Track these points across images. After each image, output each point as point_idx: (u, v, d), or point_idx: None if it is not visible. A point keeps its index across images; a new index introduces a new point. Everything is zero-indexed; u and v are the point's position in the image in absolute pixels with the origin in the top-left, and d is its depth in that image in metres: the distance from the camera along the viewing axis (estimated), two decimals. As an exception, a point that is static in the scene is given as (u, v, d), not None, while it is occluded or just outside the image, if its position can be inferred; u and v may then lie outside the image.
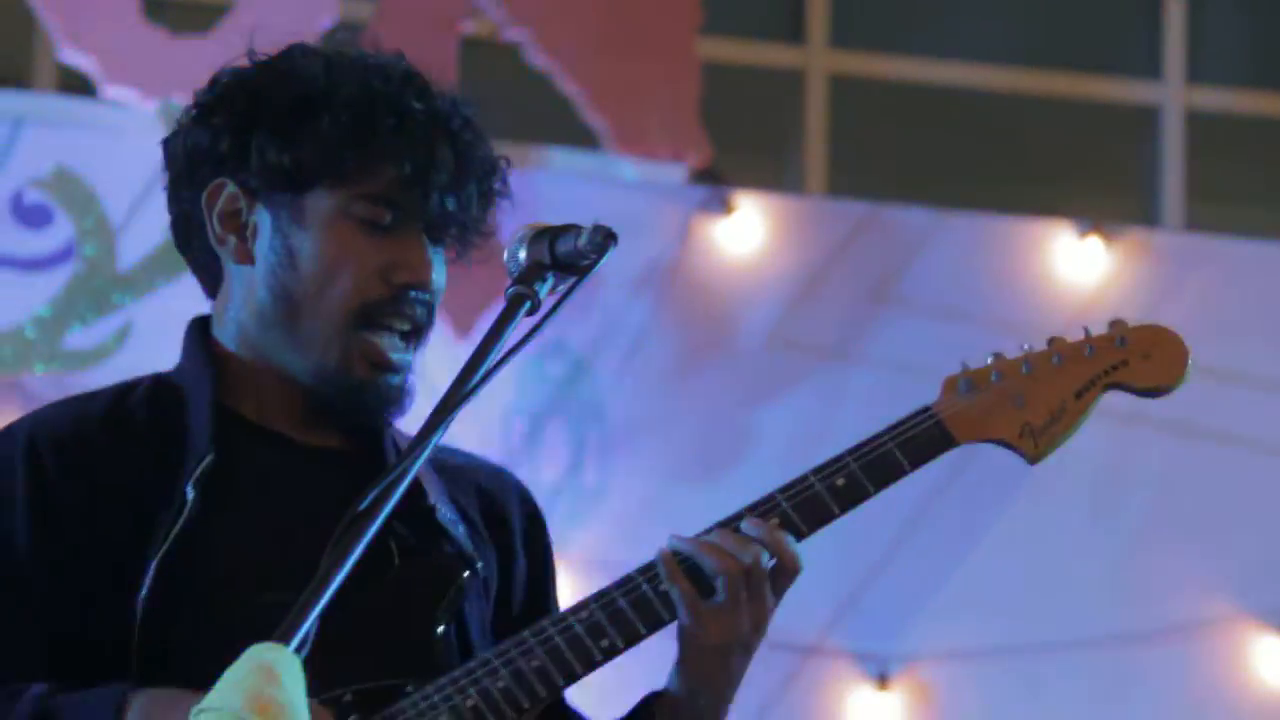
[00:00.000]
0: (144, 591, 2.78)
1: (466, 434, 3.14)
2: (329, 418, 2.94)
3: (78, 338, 6.88)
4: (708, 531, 2.86)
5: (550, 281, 2.81)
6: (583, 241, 2.81)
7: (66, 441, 2.91)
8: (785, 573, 2.84)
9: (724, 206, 7.52)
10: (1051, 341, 2.95)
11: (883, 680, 7.38)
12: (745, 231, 7.55)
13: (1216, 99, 8.31)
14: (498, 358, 2.74)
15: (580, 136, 7.48)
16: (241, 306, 2.98)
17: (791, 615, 7.14)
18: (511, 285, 2.78)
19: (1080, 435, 2.98)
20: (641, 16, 7.47)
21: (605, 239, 2.82)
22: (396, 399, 2.95)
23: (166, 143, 3.02)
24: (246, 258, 2.96)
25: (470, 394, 2.68)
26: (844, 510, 2.87)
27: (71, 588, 2.82)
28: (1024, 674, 7.43)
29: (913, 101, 8.17)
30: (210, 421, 2.91)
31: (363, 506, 2.53)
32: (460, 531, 2.98)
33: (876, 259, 7.61)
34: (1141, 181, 8.21)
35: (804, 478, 2.88)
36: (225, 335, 2.99)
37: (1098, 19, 8.37)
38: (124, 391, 3.00)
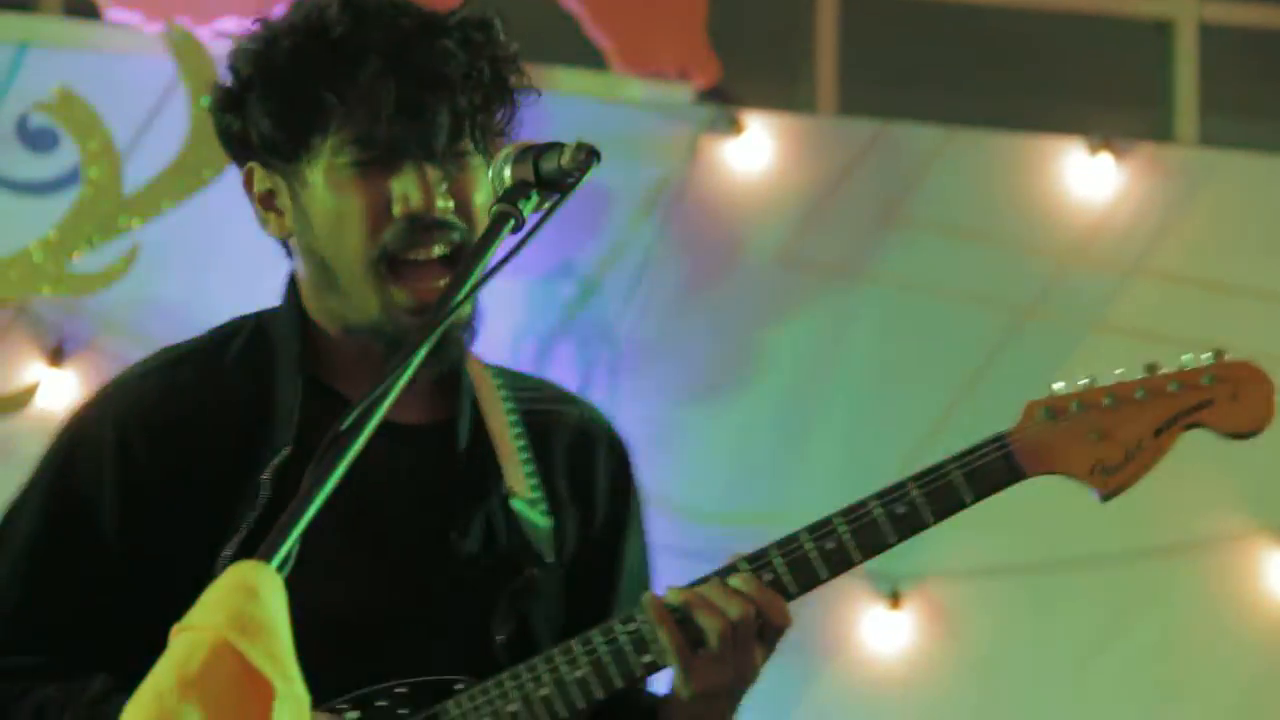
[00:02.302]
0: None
1: (486, 354, 3.15)
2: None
3: (85, 261, 6.88)
4: (702, 580, 2.87)
5: (534, 199, 2.78)
6: (566, 159, 2.79)
7: (157, 429, 2.95)
8: (773, 628, 2.87)
9: (732, 126, 7.50)
10: (1145, 370, 2.92)
11: (895, 599, 7.41)
12: (754, 151, 7.54)
13: (1230, 12, 8.29)
14: (482, 275, 2.72)
15: (585, 56, 7.48)
16: (302, 278, 3.02)
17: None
18: (495, 203, 2.75)
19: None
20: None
21: (588, 156, 2.81)
22: (454, 337, 2.96)
23: (216, 126, 3.05)
24: (285, 232, 3.01)
25: (454, 310, 2.70)
26: (900, 540, 2.96)
27: (152, 586, 2.86)
28: (1034, 591, 7.47)
29: (923, 17, 8.16)
30: (297, 406, 2.95)
31: (345, 426, 2.51)
32: (537, 513, 3.00)
33: (887, 178, 7.60)
34: (1154, 96, 8.20)
35: (859, 506, 2.92)
36: (308, 307, 3.02)
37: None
38: (225, 339, 3.04)
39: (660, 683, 2.99)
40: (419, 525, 2.94)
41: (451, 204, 2.94)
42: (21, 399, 6.73)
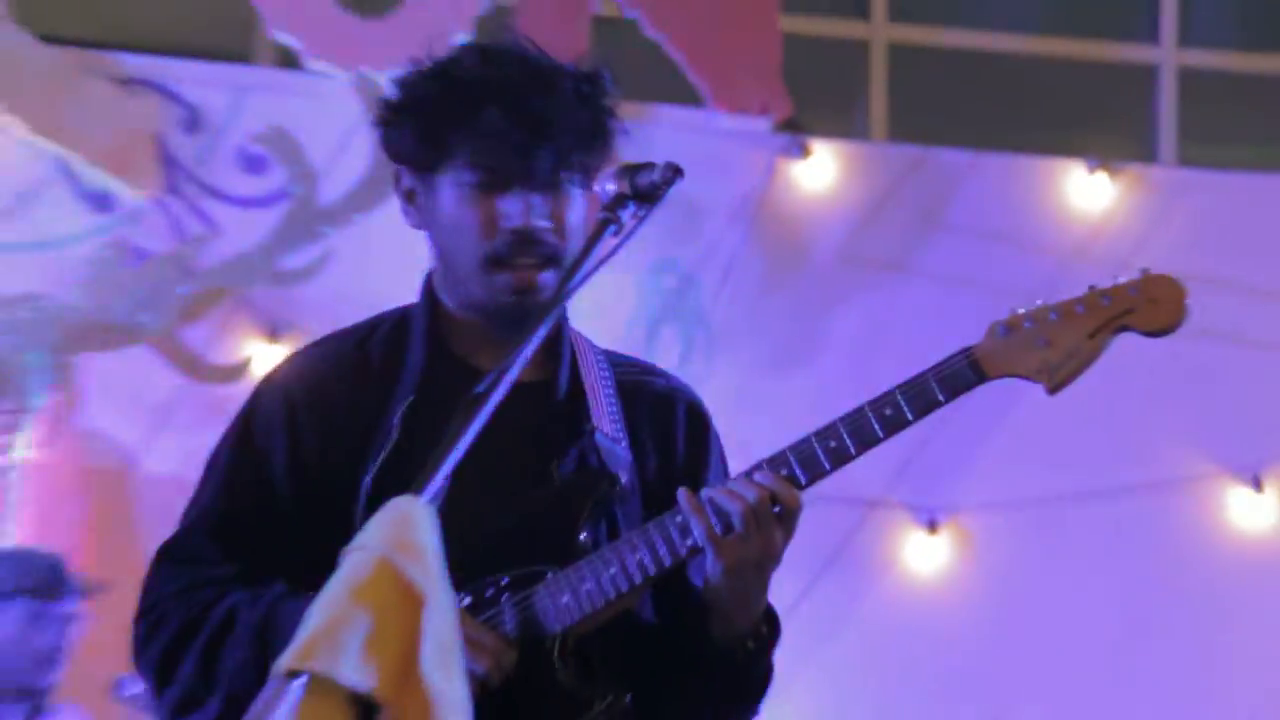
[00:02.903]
0: (359, 505, 2.81)
1: (599, 337, 3.16)
2: (500, 341, 2.90)
3: (289, 260, 6.92)
4: (734, 479, 2.83)
5: (631, 208, 2.78)
6: (656, 175, 2.79)
7: (318, 381, 2.95)
8: (788, 510, 2.81)
9: (802, 151, 7.49)
10: (1088, 291, 2.85)
11: (932, 527, 7.39)
12: (820, 171, 7.53)
13: (1203, 58, 8.22)
14: (590, 268, 2.74)
15: (687, 95, 7.46)
16: (432, 263, 3.02)
17: (858, 475, 7.19)
18: (600, 212, 2.76)
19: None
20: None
21: (674, 173, 2.81)
22: (546, 308, 2.88)
23: (379, 136, 3.05)
24: (420, 224, 3.00)
25: (566, 297, 2.71)
26: (889, 435, 2.82)
27: (314, 502, 2.86)
28: (1047, 520, 7.43)
29: (956, 63, 8.12)
30: (421, 365, 2.94)
31: (480, 389, 2.55)
32: (619, 448, 2.96)
33: (926, 192, 7.58)
34: (1142, 126, 8.15)
35: (855, 411, 2.84)
36: (435, 287, 3.01)
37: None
38: (373, 326, 3.03)
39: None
40: (526, 457, 2.92)
41: (548, 223, 2.90)
42: (240, 370, 6.79)
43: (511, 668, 2.80)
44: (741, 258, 7.40)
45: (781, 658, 7.43)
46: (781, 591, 7.49)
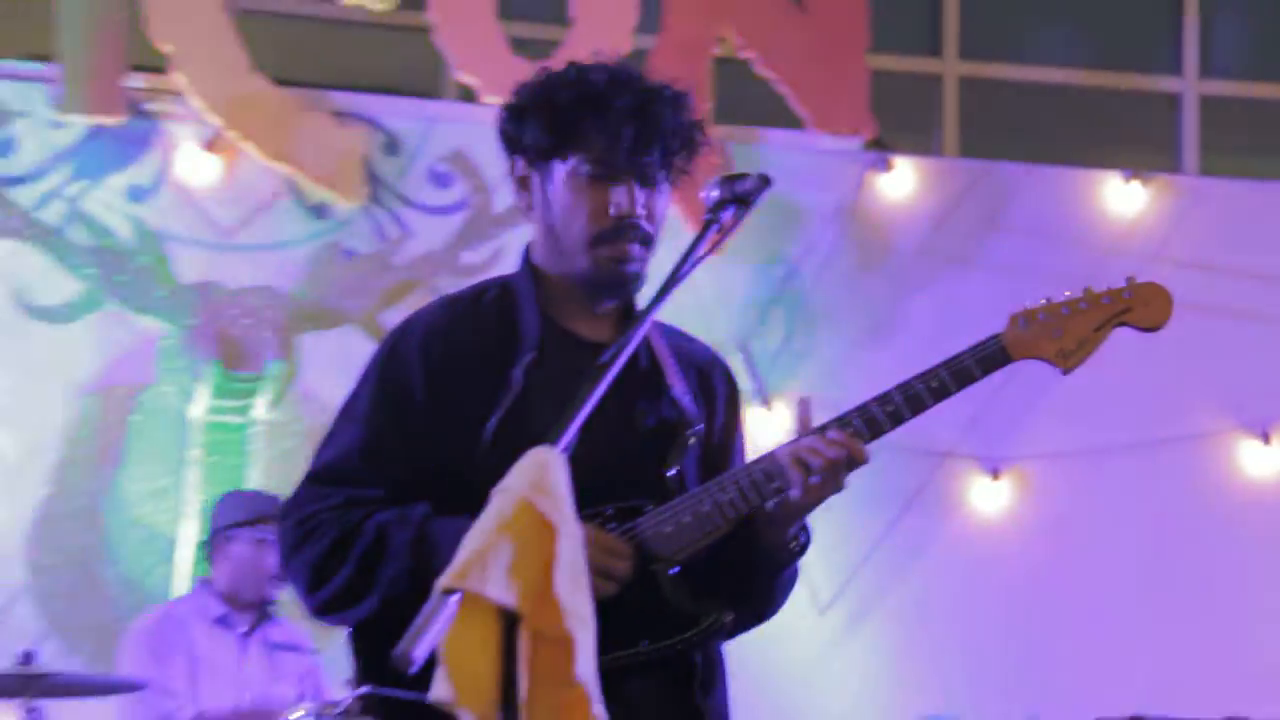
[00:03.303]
0: (484, 444, 2.79)
1: (718, 316, 3.15)
2: (596, 306, 2.91)
3: (469, 255, 6.95)
4: (810, 433, 2.83)
5: (731, 211, 2.77)
6: (750, 184, 2.78)
7: (446, 334, 2.92)
8: (856, 463, 2.81)
9: (886, 165, 7.43)
10: (1084, 291, 2.90)
11: (995, 474, 7.31)
12: (900, 182, 7.46)
13: (1220, 86, 8.08)
14: (695, 261, 2.73)
15: (792, 121, 7.42)
16: (536, 239, 2.98)
17: (931, 430, 7.16)
18: (705, 215, 2.75)
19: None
20: (829, 39, 7.39)
21: (765, 182, 2.80)
22: (632, 282, 2.91)
23: (500, 129, 3.03)
24: (528, 206, 2.97)
25: (677, 283, 2.70)
26: (935, 402, 2.84)
27: (447, 436, 2.82)
28: (1091, 468, 7.33)
29: (1014, 92, 8.05)
30: (535, 326, 2.91)
31: (602, 360, 2.55)
32: (688, 401, 2.94)
33: (989, 199, 7.50)
34: (1168, 143, 8.02)
35: (908, 383, 2.85)
36: (536, 258, 2.98)
37: (1134, 32, 8.21)
38: (482, 291, 3.00)
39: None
40: (617, 409, 2.85)
41: (646, 211, 2.89)
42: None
43: (629, 575, 2.77)
44: (836, 253, 7.35)
45: (869, 583, 7.43)
46: (867, 530, 7.52)
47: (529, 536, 2.30)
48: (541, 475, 2.32)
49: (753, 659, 6.32)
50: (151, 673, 5.38)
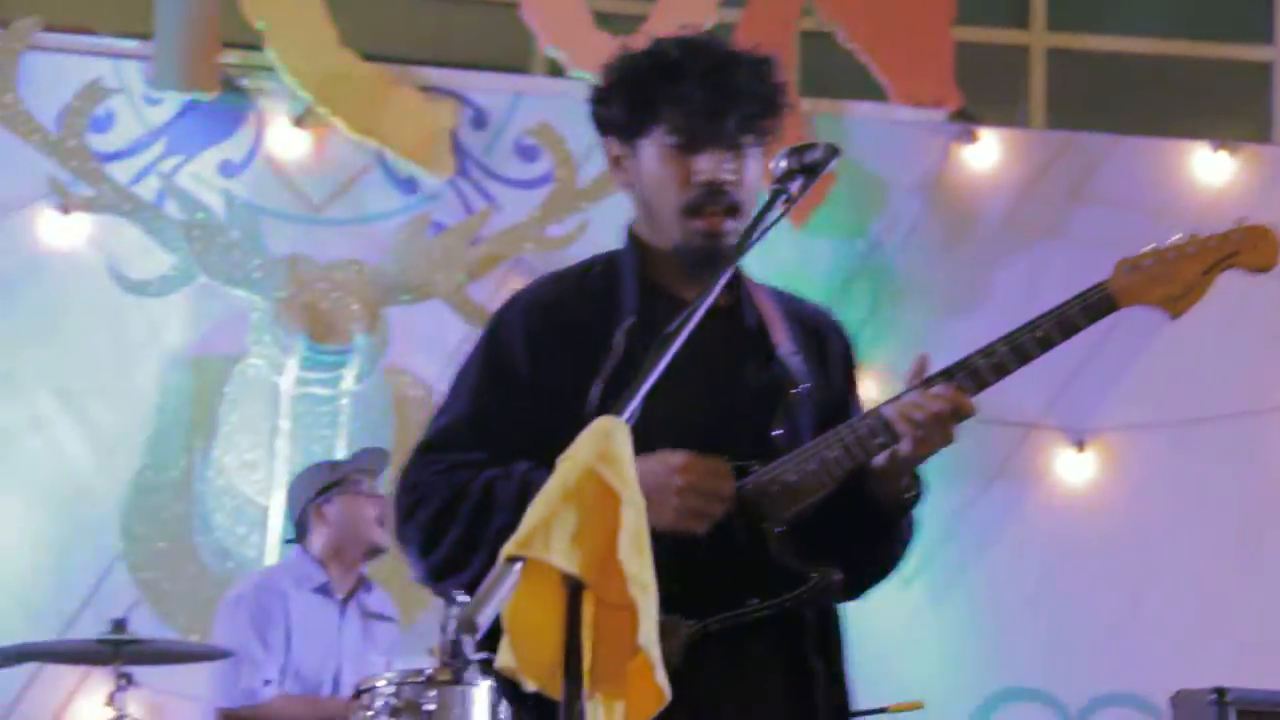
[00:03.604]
0: (590, 409, 2.79)
1: (802, 289, 3.14)
2: (696, 275, 2.90)
3: (555, 229, 6.96)
4: (914, 388, 2.83)
5: (800, 181, 2.76)
6: (819, 154, 2.76)
7: (548, 307, 2.96)
8: (962, 414, 2.81)
9: (971, 137, 7.36)
10: (1190, 236, 2.87)
11: (1080, 446, 7.24)
12: (985, 153, 7.38)
13: (1314, 54, 7.98)
14: (765, 228, 2.73)
15: (876, 93, 7.37)
16: (636, 214, 3.01)
17: (1016, 400, 7.09)
18: (773, 184, 2.75)
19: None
20: (913, 12, 7.33)
21: (833, 152, 2.78)
22: (730, 252, 2.89)
23: (591, 112, 3.05)
24: (626, 184, 3.00)
25: (745, 250, 2.70)
26: (1041, 352, 2.82)
27: (553, 405, 2.84)
28: (1174, 439, 7.24)
29: (1101, 63, 7.96)
30: (635, 293, 2.94)
31: (671, 328, 2.53)
32: (795, 361, 2.94)
33: (1075, 169, 7.41)
34: (1257, 112, 7.90)
35: (1012, 334, 2.83)
36: (639, 230, 3.00)
37: (1224, 1, 8.10)
38: (589, 266, 3.04)
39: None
40: (724, 371, 2.91)
41: (734, 177, 2.90)
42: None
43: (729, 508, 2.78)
44: (921, 225, 7.29)
45: (953, 555, 7.37)
46: (951, 502, 7.46)
47: (593, 504, 2.31)
48: (606, 443, 2.32)
49: (837, 630, 6.32)
50: (247, 641, 5.43)
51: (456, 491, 2.86)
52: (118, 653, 4.95)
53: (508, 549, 2.28)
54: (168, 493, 6.61)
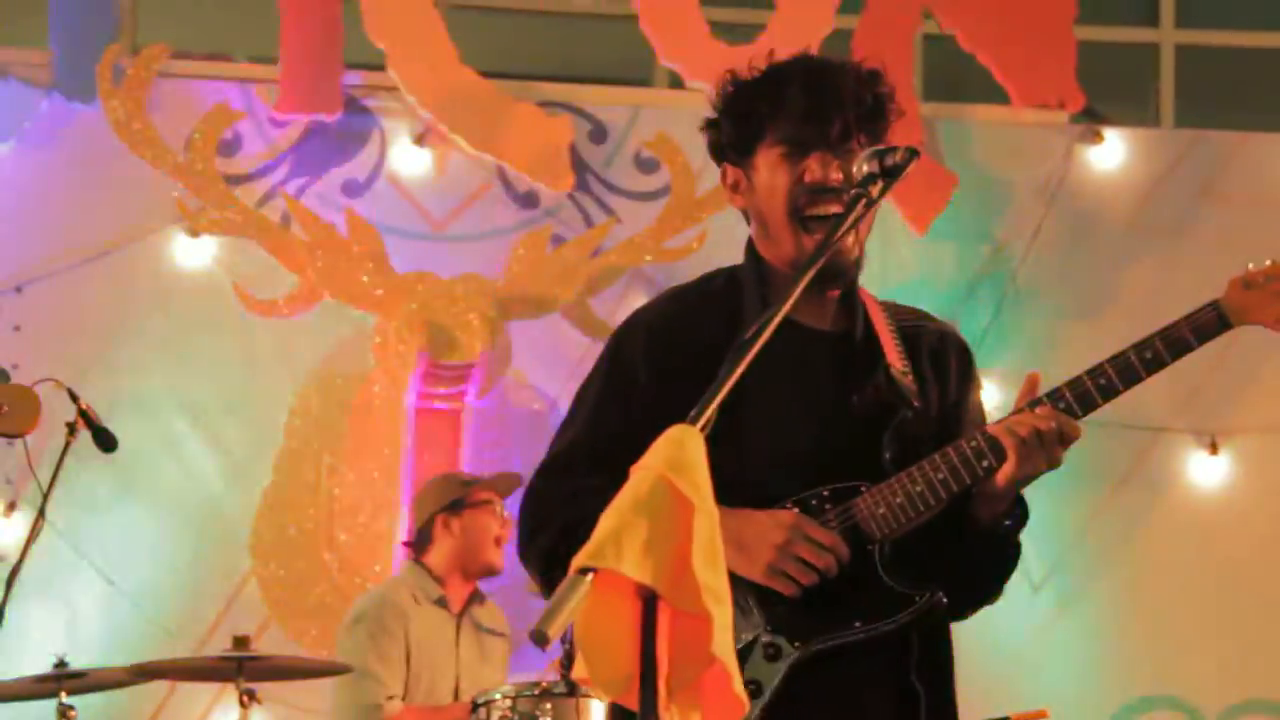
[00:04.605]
0: (707, 433, 2.79)
1: (925, 295, 3.11)
2: (816, 293, 2.88)
3: (674, 240, 6.93)
4: (1023, 409, 2.79)
5: (881, 184, 2.69)
6: (899, 157, 2.69)
7: (670, 325, 2.96)
8: (1068, 437, 2.77)
9: (1095, 137, 7.25)
10: None
11: (1213, 448, 7.07)
12: (1110, 154, 7.27)
13: None
14: (842, 232, 2.68)
15: (997, 95, 7.27)
16: (754, 232, 3.00)
17: (1147, 403, 6.92)
18: (854, 188, 2.69)
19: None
20: (1034, 13, 7.23)
21: (912, 154, 2.70)
22: (844, 269, 2.91)
23: (707, 142, 3.06)
24: (743, 205, 2.99)
25: (825, 252, 2.64)
26: (1149, 373, 2.77)
27: (670, 421, 2.84)
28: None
29: (1230, 59, 7.79)
30: (758, 313, 2.86)
31: (748, 336, 2.49)
32: (907, 380, 2.91)
33: (1203, 167, 7.28)
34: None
35: (1121, 354, 2.79)
36: (758, 249, 2.99)
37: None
38: (709, 281, 3.03)
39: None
40: (833, 392, 2.89)
41: (841, 177, 2.88)
42: (636, 329, 6.81)
43: (846, 560, 2.79)
44: (1045, 228, 7.18)
45: (1082, 561, 7.24)
46: (1082, 507, 7.32)
47: (665, 514, 2.26)
48: (678, 452, 2.27)
49: (965, 638, 6.20)
50: (368, 656, 5.45)
51: (576, 518, 2.83)
52: (240, 669, 4.99)
53: (579, 560, 2.25)
54: (295, 510, 6.67)
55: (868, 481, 2.83)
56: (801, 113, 2.87)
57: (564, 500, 2.88)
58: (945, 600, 2.84)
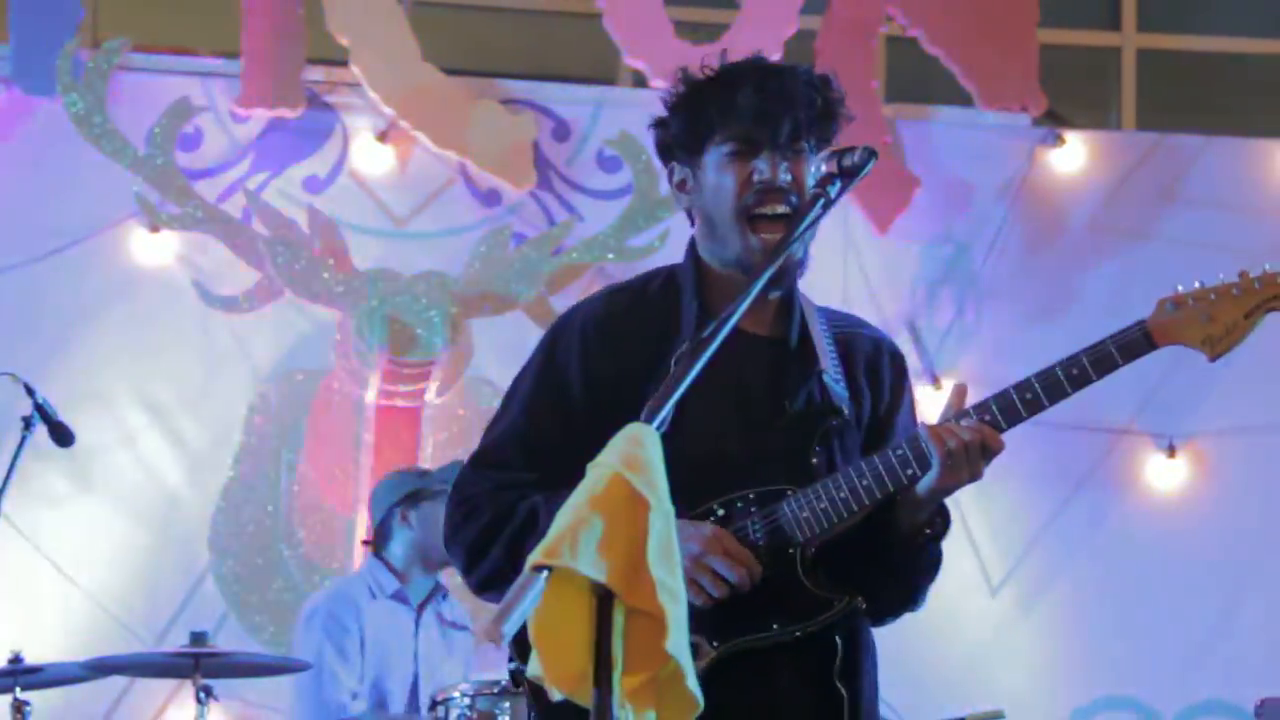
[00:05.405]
0: None
1: (886, 295, 3.12)
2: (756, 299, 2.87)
3: (636, 239, 6.94)
4: (950, 419, 2.81)
5: (838, 184, 2.73)
6: (857, 157, 2.74)
7: (603, 323, 2.97)
8: (990, 450, 2.78)
9: (1057, 140, 7.28)
10: (1240, 274, 2.80)
11: (1171, 451, 7.11)
12: (1072, 156, 7.31)
13: None
14: (801, 233, 2.72)
15: (961, 98, 7.29)
16: (697, 233, 3.01)
17: (1105, 406, 6.96)
18: (813, 188, 2.73)
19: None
20: (997, 16, 7.25)
21: (870, 155, 2.75)
22: (787, 270, 2.90)
23: (655, 141, 3.07)
24: (689, 204, 3.01)
25: (781, 255, 2.68)
26: (1075, 390, 2.78)
27: (604, 425, 2.80)
28: (1270, 445, 7.10)
29: (1192, 63, 7.84)
30: (694, 315, 2.93)
31: (704, 335, 2.51)
32: (839, 387, 2.93)
33: (1165, 170, 7.31)
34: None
35: (1048, 369, 2.80)
36: (699, 251, 3.00)
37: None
38: (648, 281, 3.04)
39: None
40: (765, 396, 2.90)
41: (789, 178, 2.89)
42: (596, 327, 6.80)
43: (759, 577, 2.81)
44: (1006, 230, 7.21)
45: (1041, 563, 7.26)
46: (1040, 509, 7.33)
47: (621, 512, 2.27)
48: (634, 450, 2.29)
49: (924, 640, 6.26)
50: (324, 652, 5.44)
51: (501, 512, 2.88)
52: (197, 665, 4.98)
53: (534, 558, 2.25)
54: (254, 506, 6.66)
55: (795, 486, 2.85)
56: (751, 113, 2.88)
57: (492, 492, 2.89)
58: (864, 605, 2.87)
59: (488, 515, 2.88)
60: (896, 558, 2.89)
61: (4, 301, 6.63)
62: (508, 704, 4.80)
